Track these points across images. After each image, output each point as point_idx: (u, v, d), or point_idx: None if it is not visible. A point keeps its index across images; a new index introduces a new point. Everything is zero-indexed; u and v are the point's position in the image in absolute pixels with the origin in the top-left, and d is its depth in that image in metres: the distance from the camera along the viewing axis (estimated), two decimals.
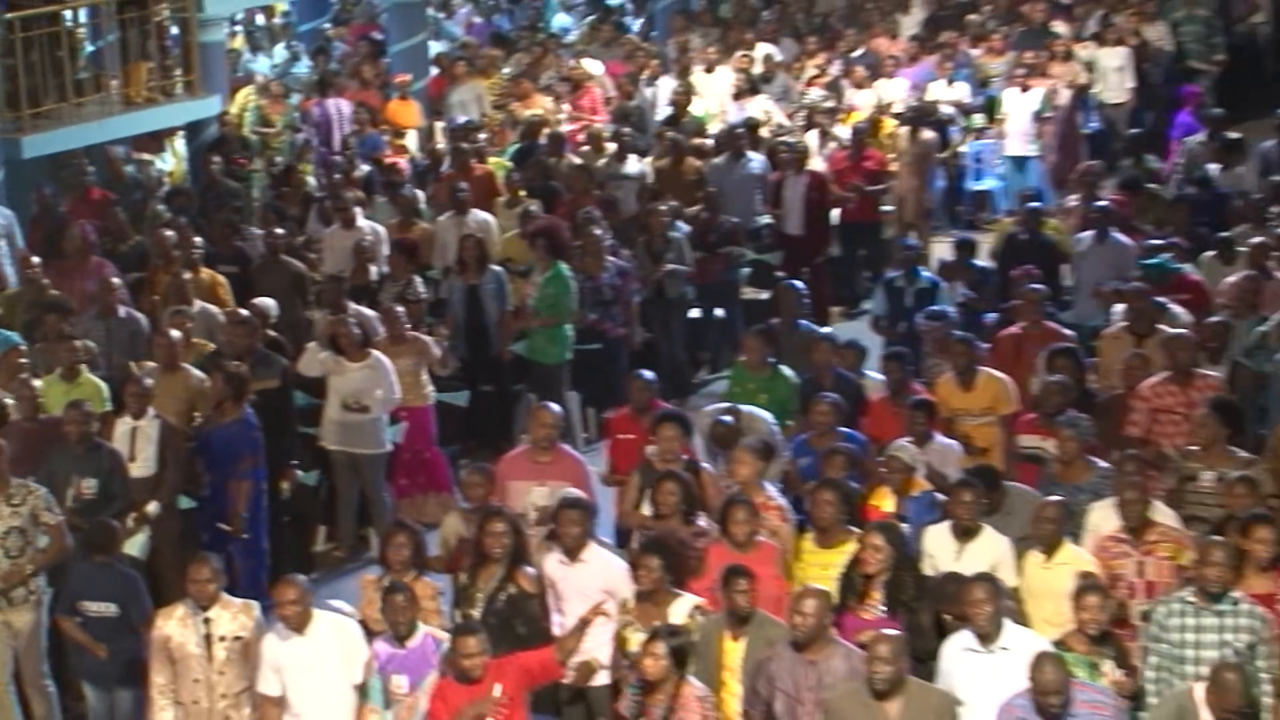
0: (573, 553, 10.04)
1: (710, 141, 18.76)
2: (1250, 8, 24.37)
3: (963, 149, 20.35)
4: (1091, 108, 21.30)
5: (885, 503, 10.86)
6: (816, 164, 18.27)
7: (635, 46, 22.66)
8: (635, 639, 9.38)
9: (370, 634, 9.61)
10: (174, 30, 18.74)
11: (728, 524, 10.13)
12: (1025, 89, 19.95)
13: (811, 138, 18.92)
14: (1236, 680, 8.51)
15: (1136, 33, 22.09)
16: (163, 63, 18.24)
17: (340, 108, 20.20)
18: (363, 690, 9.37)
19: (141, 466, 11.82)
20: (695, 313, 16.75)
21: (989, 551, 9.98)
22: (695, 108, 20.02)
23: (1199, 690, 8.65)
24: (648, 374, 12.67)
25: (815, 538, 10.34)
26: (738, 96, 20.24)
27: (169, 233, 15.07)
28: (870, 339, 14.71)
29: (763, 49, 21.87)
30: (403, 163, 18.74)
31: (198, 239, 15.24)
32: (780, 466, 11.68)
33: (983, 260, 15.79)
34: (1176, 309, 13.39)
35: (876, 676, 8.54)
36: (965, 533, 10.09)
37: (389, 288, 15.11)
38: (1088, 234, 15.15)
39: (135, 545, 11.52)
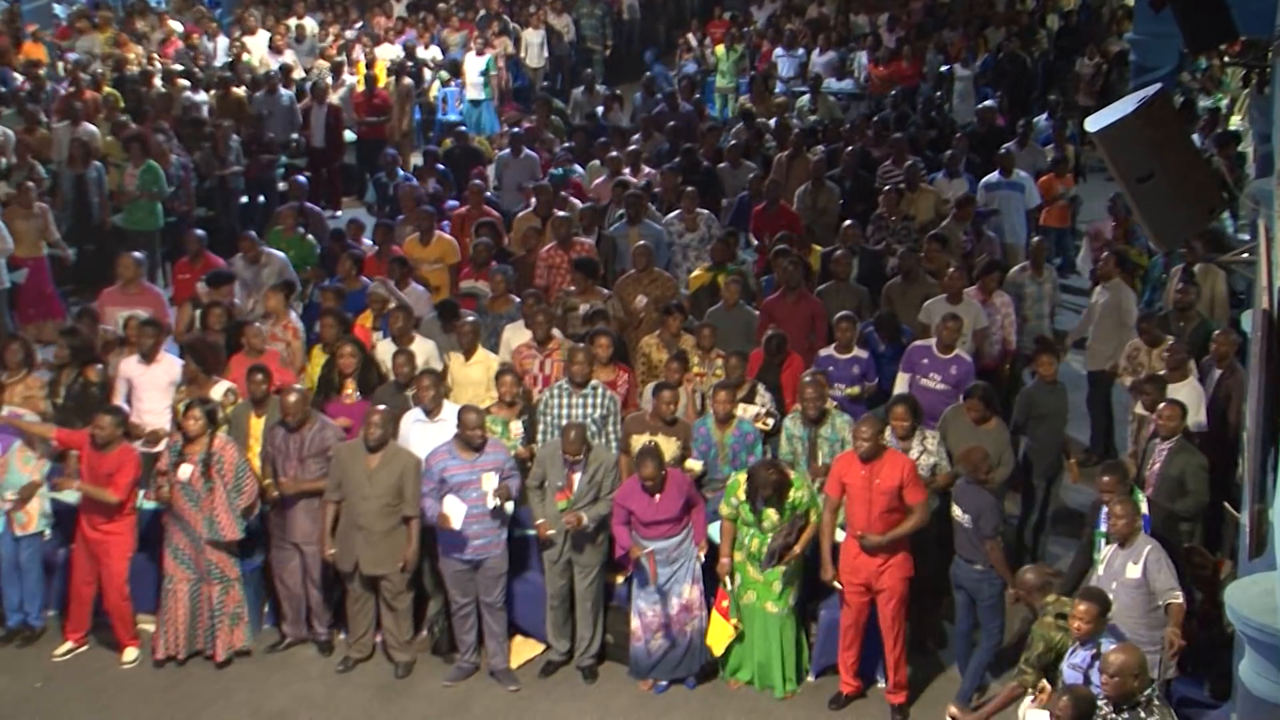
0: (148, 357, 9.66)
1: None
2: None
3: (435, 93, 20.05)
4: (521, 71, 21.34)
5: (369, 321, 10.68)
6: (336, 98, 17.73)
7: (203, 13, 21.43)
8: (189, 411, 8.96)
9: None
10: None
11: (244, 338, 9.91)
12: (479, 54, 19.74)
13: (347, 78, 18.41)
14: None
15: (547, 20, 22.12)
16: None
17: None
18: None
19: None
20: (244, 198, 16.05)
21: (421, 351, 9.91)
22: (245, 57, 19.19)
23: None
24: (199, 232, 12.20)
25: (322, 347, 10.08)
26: (275, 51, 19.43)
27: None
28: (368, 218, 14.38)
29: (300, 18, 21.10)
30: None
31: None
32: (294, 295, 11.36)
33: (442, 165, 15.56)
34: (575, 201, 13.49)
35: (370, 438, 8.42)
36: (401, 340, 9.94)
37: (15, 175, 14.08)
38: (506, 150, 15.12)
39: None
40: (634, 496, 8.47)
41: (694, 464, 9.04)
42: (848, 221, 12.38)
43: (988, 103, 17.03)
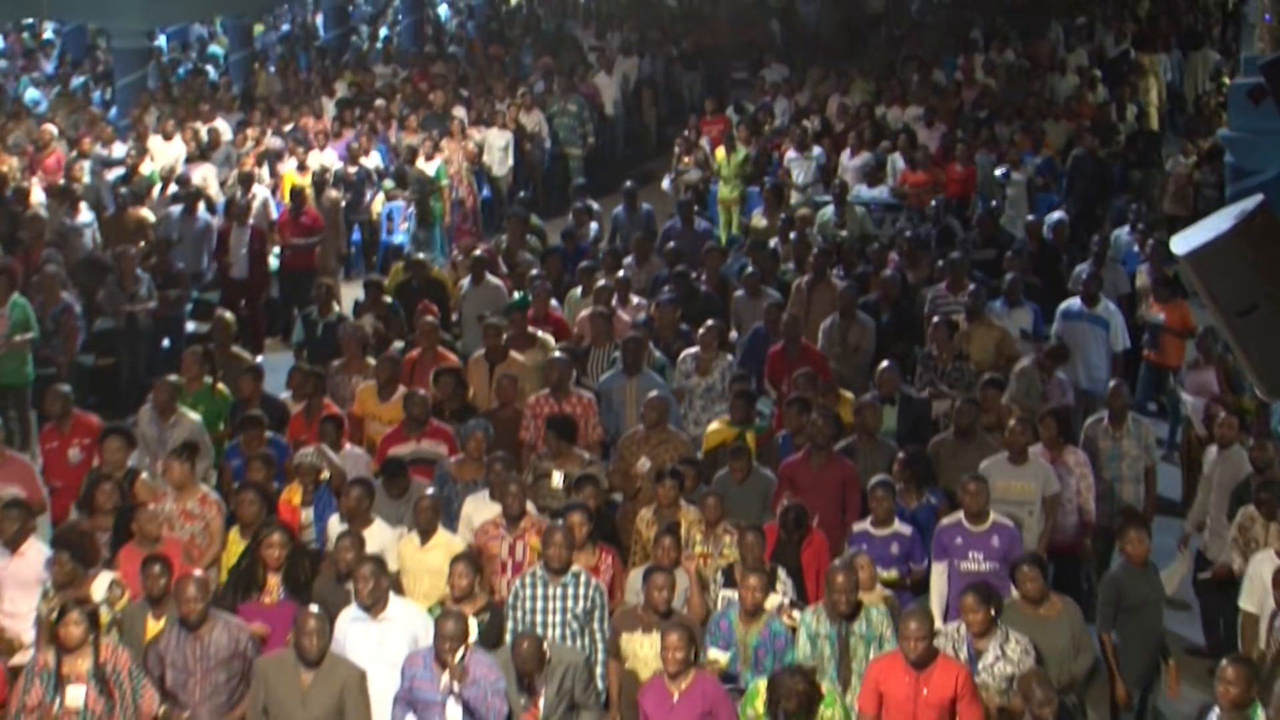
0: (13, 545, 9.62)
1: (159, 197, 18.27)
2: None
3: (378, 209, 20.27)
4: (483, 179, 21.60)
5: (296, 497, 10.64)
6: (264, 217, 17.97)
7: (94, 116, 21.73)
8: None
9: None
10: None
11: (136, 522, 9.85)
12: (429, 160, 19.94)
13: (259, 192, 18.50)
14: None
15: (516, 119, 22.42)
16: None
17: None
18: None
19: None
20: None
21: (377, 539, 9.87)
22: (146, 168, 19.37)
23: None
24: (64, 388, 12.18)
25: (240, 530, 10.10)
26: (188, 161, 19.67)
27: None
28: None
29: (210, 123, 21.35)
30: None
31: None
32: (207, 465, 11.41)
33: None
34: (546, 336, 13.62)
35: (306, 649, 8.31)
36: (355, 522, 9.94)
37: None
38: (466, 279, 15.23)
39: None
40: (651, 692, 8.39)
41: (717, 655, 8.94)
42: (884, 363, 12.45)
43: (1054, 215, 17.23)
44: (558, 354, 12.66)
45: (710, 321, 13.14)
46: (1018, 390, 12.42)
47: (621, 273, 15.18)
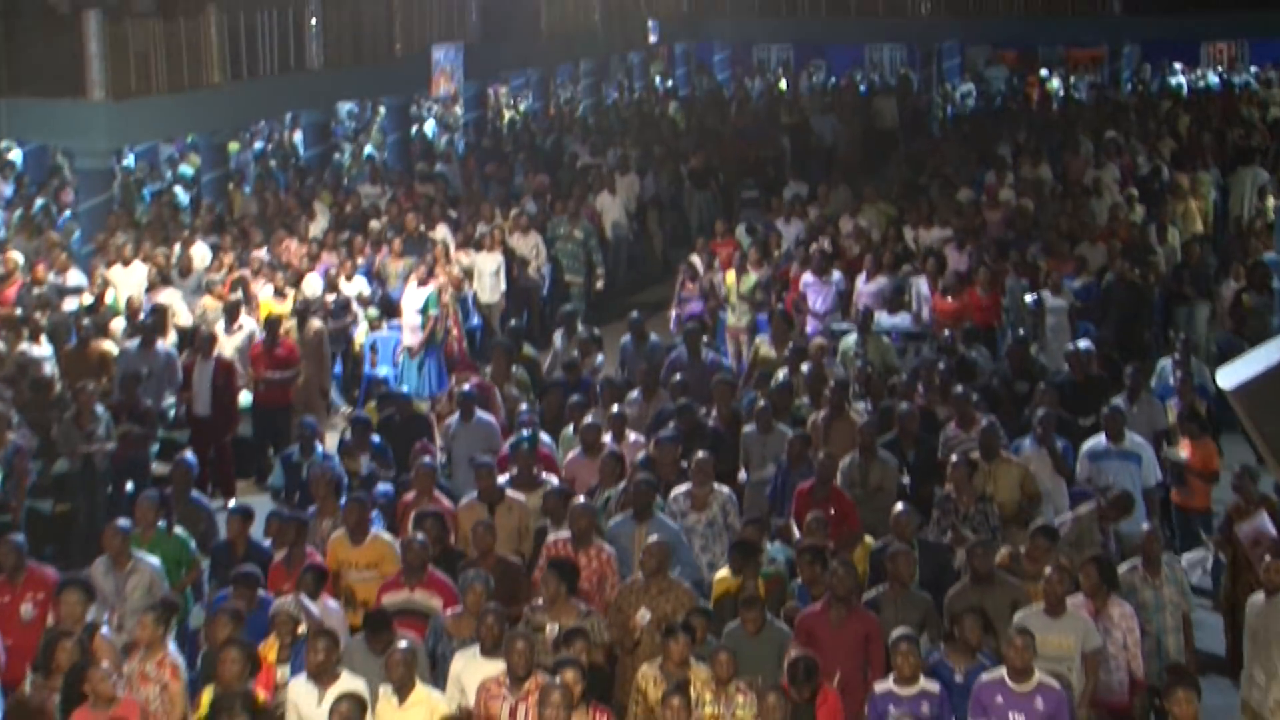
0: None
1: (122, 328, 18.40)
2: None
3: (362, 340, 20.40)
4: (471, 306, 21.76)
5: (272, 654, 10.62)
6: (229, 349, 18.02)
7: (55, 242, 21.90)
8: None
9: None
10: None
11: (88, 684, 9.82)
12: (421, 285, 19.97)
13: (220, 327, 18.59)
14: None
15: (504, 241, 22.57)
16: None
17: None
18: None
19: None
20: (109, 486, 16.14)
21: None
22: (109, 298, 19.58)
23: None
24: (16, 537, 12.20)
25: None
26: (150, 289, 19.82)
27: None
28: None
29: (182, 247, 21.53)
30: None
31: None
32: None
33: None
34: (550, 478, 13.70)
35: None
36: (322, 678, 9.96)
37: None
38: (454, 416, 15.33)
39: None
40: None
41: None
42: (899, 507, 12.46)
43: (1083, 343, 17.33)
44: (583, 500, 12.70)
45: (700, 454, 13.20)
46: (1071, 537, 12.41)
47: (616, 408, 15.25)
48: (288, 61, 26.64)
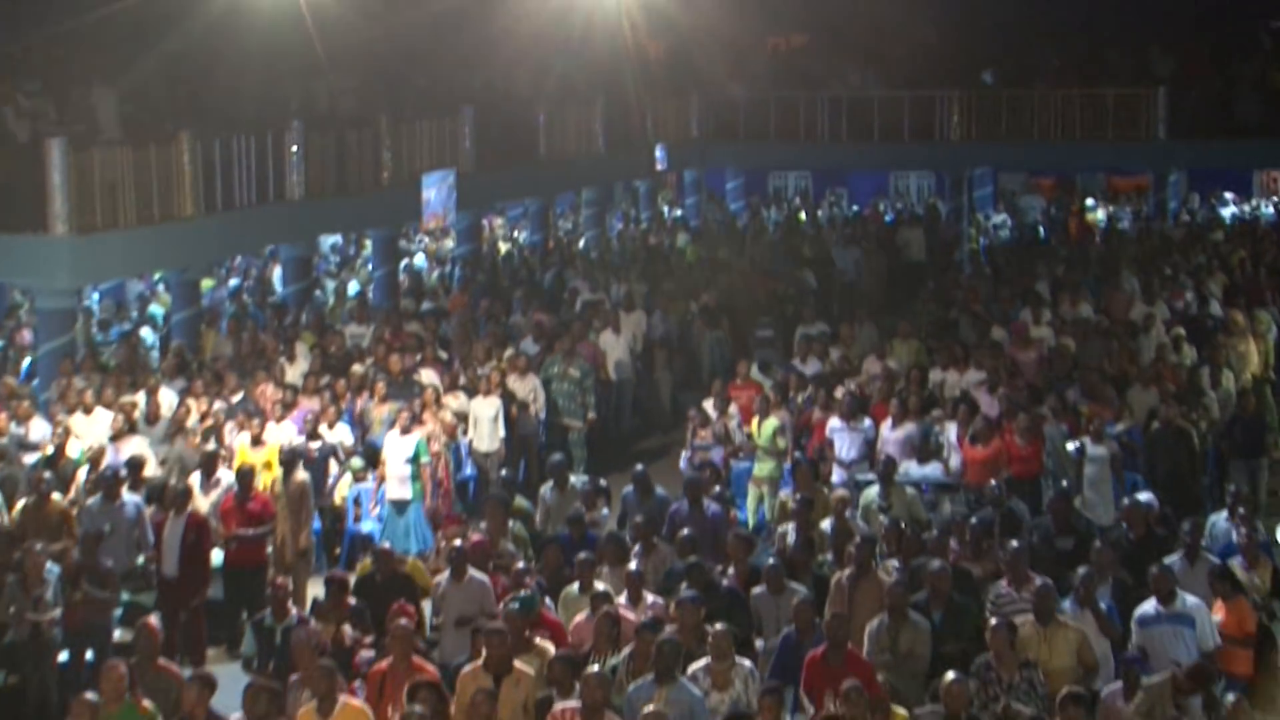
0: None
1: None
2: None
3: (344, 493, 20.37)
4: (466, 454, 21.76)
5: None
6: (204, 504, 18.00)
7: (12, 390, 21.91)
8: None
9: None
10: None
11: None
12: (405, 433, 20.02)
13: (195, 479, 18.55)
14: None
15: (501, 384, 22.62)
16: None
17: None
18: None
19: None
20: (64, 655, 16.05)
21: None
22: (73, 449, 19.54)
23: None
24: None
25: None
26: (116, 438, 19.81)
27: None
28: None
29: (148, 394, 21.54)
30: None
31: None
32: None
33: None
34: (545, 643, 13.69)
35: None
36: None
37: None
38: (446, 575, 15.30)
39: None
40: None
41: None
42: (952, 675, 12.35)
43: (1143, 496, 17.26)
44: (596, 670, 12.67)
45: (718, 625, 13.14)
46: (1142, 709, 12.29)
47: (634, 565, 15.23)
48: (266, 192, 26.65)
